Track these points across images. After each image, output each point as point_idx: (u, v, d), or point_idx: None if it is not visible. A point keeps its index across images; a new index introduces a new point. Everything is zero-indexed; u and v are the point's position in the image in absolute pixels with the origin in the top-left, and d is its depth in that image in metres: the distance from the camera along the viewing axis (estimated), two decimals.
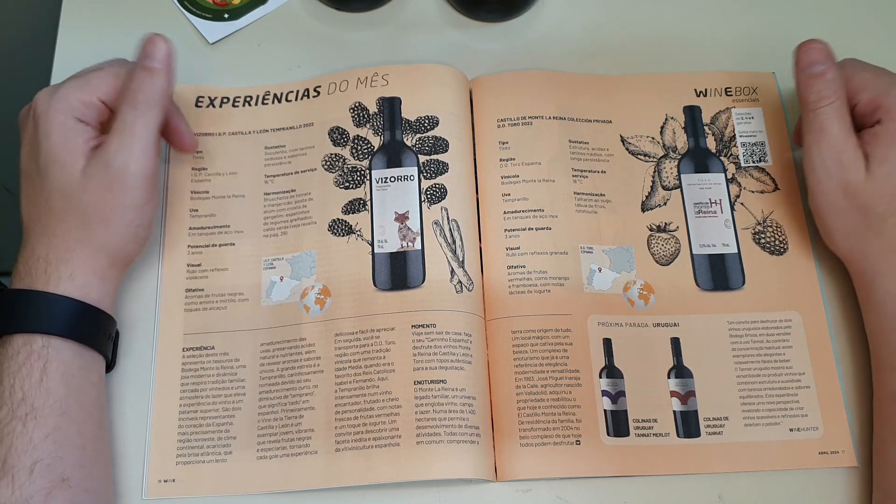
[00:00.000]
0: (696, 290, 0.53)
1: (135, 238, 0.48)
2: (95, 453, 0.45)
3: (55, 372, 0.43)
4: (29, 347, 0.43)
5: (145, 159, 0.46)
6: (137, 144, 0.46)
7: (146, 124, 0.46)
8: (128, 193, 0.46)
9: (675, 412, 0.49)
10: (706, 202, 0.55)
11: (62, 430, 0.43)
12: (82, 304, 0.45)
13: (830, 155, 0.48)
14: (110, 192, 0.45)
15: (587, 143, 0.56)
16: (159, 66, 0.46)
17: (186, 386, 0.50)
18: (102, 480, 0.45)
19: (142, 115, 0.46)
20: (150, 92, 0.46)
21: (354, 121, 0.55)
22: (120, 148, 0.45)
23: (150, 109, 0.46)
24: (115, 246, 0.47)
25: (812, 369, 0.51)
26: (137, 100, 0.46)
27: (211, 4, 0.60)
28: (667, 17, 0.61)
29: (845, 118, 0.48)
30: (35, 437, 0.42)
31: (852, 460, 0.49)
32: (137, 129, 0.46)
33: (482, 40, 0.60)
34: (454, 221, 0.52)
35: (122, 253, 0.47)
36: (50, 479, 0.42)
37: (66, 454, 0.43)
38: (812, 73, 0.49)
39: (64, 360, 0.44)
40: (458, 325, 0.50)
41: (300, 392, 0.49)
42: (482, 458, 0.48)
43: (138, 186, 0.46)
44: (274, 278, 0.52)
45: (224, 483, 0.48)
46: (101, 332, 0.47)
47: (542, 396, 0.49)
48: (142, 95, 0.46)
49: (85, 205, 0.45)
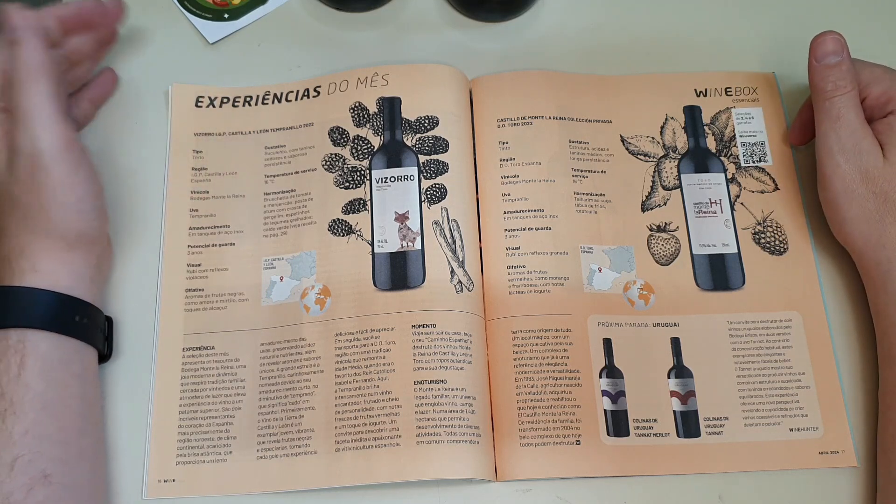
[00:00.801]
0: (696, 290, 0.53)
1: (77, 214, 0.45)
2: (80, 448, 0.44)
3: (32, 366, 0.43)
4: (4, 343, 0.43)
5: (51, 132, 0.43)
6: (35, 121, 0.43)
7: (36, 97, 0.43)
8: (49, 173, 0.43)
9: (675, 412, 0.50)
10: (706, 202, 0.55)
11: (42, 425, 0.42)
12: (53, 294, 0.44)
13: (850, 140, 0.49)
14: (32, 177, 0.43)
15: (587, 143, 0.56)
16: (19, 35, 0.43)
17: (186, 386, 0.50)
18: (88, 476, 0.45)
19: (27, 91, 0.43)
20: (24, 63, 0.43)
21: (354, 121, 0.55)
22: (22, 131, 0.43)
23: (33, 81, 0.43)
24: (61, 228, 0.45)
25: (812, 369, 0.51)
26: (15, 78, 0.43)
27: (211, 4, 0.60)
28: (667, 17, 0.61)
29: (859, 108, 0.50)
30: (15, 432, 0.41)
31: (852, 460, 0.49)
32: (27, 105, 0.43)
33: (482, 40, 0.60)
34: (454, 221, 0.53)
35: (73, 233, 0.45)
36: (30, 475, 0.41)
37: (46, 450, 0.42)
38: (828, 63, 0.50)
39: (41, 353, 0.43)
40: (458, 325, 0.50)
41: (300, 392, 0.49)
42: (482, 458, 0.48)
43: (56, 161, 0.44)
44: (274, 278, 0.52)
45: (224, 483, 0.48)
46: (82, 322, 0.46)
47: (542, 396, 0.49)
48: (16, 71, 0.43)
49: (17, 196, 0.44)
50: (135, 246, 0.53)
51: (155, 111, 0.57)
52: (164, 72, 0.58)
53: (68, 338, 0.45)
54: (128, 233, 0.53)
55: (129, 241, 0.53)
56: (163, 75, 0.57)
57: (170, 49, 0.59)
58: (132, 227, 0.53)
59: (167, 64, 0.58)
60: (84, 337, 0.46)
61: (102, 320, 0.49)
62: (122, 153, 0.55)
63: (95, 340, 0.47)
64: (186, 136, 0.56)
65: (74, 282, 0.46)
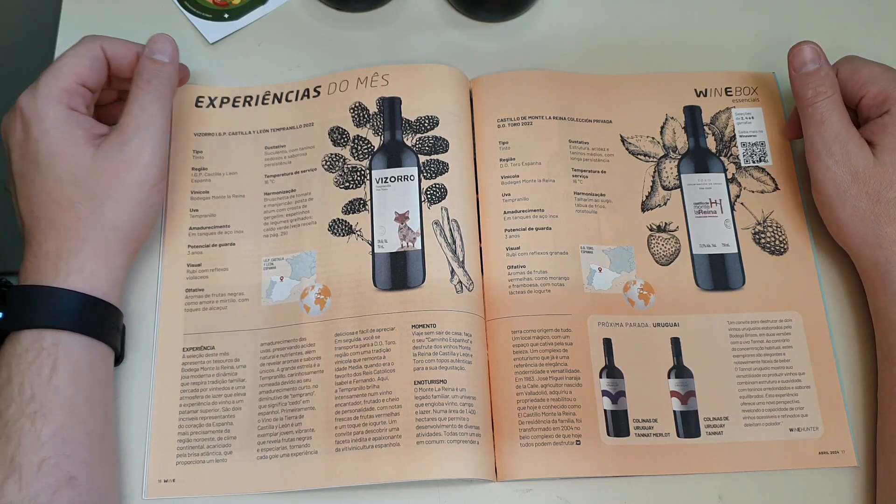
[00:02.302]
0: (696, 290, 0.53)
1: (145, 218, 0.48)
2: (102, 452, 0.45)
3: (64, 370, 0.43)
4: (38, 345, 0.43)
5: (162, 141, 0.48)
6: (154, 124, 0.48)
7: (162, 107, 0.49)
8: (144, 171, 0.47)
9: (675, 412, 0.50)
10: (706, 202, 0.55)
11: (70, 428, 0.43)
12: (91, 298, 0.45)
13: (836, 143, 0.49)
14: (127, 170, 0.46)
15: (587, 143, 0.56)
16: (169, 60, 0.50)
17: (186, 386, 0.50)
18: (108, 479, 0.45)
19: (158, 98, 0.48)
20: (164, 79, 0.49)
21: (354, 121, 0.55)
22: (137, 128, 0.47)
23: (164, 93, 0.49)
24: (126, 226, 0.47)
25: (812, 369, 0.51)
26: (152, 84, 0.48)
27: (211, 4, 0.60)
28: (667, 17, 0.61)
29: (844, 110, 0.50)
30: (43, 434, 0.42)
31: (852, 460, 0.49)
32: (153, 110, 0.48)
33: (482, 40, 0.60)
34: (454, 221, 0.52)
35: (132, 234, 0.47)
36: (57, 477, 0.41)
37: (73, 452, 0.43)
38: (807, 71, 0.51)
39: (73, 357, 0.44)
40: (459, 325, 0.50)
41: (300, 392, 0.49)
42: (482, 458, 0.48)
43: (155, 164, 0.48)
44: (274, 278, 0.52)
45: (224, 483, 0.48)
46: (109, 325, 0.47)
47: (542, 396, 0.49)
48: (156, 81, 0.49)
49: (97, 186, 0.46)
50: None
51: None
52: None
53: (97, 342, 0.46)
54: None
55: None
56: None
57: None
58: None
59: None
60: (110, 340, 0.47)
61: (122, 323, 0.49)
62: None
63: (116, 343, 0.48)
64: (186, 136, 0.56)
65: (111, 287, 0.47)
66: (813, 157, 0.50)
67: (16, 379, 0.43)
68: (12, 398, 0.42)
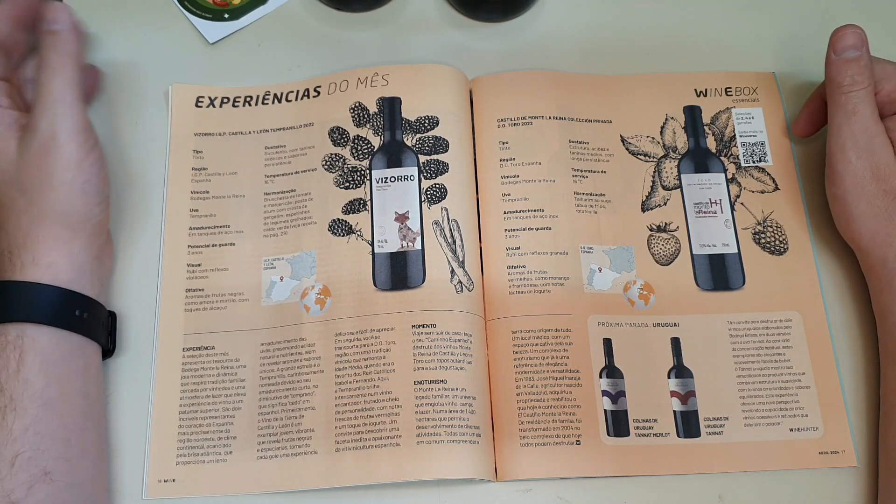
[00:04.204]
0: (696, 290, 0.53)
1: (83, 196, 0.46)
2: (82, 446, 0.44)
3: (32, 362, 0.43)
4: (3, 338, 0.43)
5: (71, 115, 0.46)
6: (59, 103, 0.46)
7: (63, 82, 0.46)
8: (62, 151, 0.45)
9: (676, 412, 0.50)
10: (706, 202, 0.55)
11: (43, 421, 0.42)
12: (53, 288, 0.44)
13: (864, 136, 0.49)
14: (45, 155, 0.45)
15: (587, 143, 0.56)
16: (62, 27, 0.47)
17: (186, 386, 0.50)
18: (90, 474, 0.45)
19: (57, 74, 0.46)
20: (61, 51, 0.46)
21: (354, 121, 0.55)
22: (43, 111, 0.45)
23: (65, 68, 0.46)
24: (65, 209, 0.46)
25: (812, 369, 0.51)
26: (50, 61, 0.46)
27: (211, 4, 0.60)
28: (667, 17, 0.61)
29: (875, 104, 0.49)
30: (15, 429, 0.41)
31: (852, 460, 0.49)
32: (55, 87, 0.46)
33: (482, 40, 0.60)
34: (454, 221, 0.53)
35: (76, 216, 0.46)
36: (31, 472, 0.41)
37: (47, 447, 0.42)
38: (847, 57, 0.49)
39: (41, 348, 0.43)
40: (459, 325, 0.50)
41: (300, 392, 0.49)
42: (482, 458, 0.48)
43: (71, 140, 0.46)
44: (274, 278, 0.52)
45: (224, 483, 0.48)
46: (82, 316, 0.46)
47: (542, 396, 0.49)
48: (53, 55, 0.46)
49: (25, 178, 0.45)
50: (135, 245, 0.53)
51: (155, 111, 0.57)
52: (164, 72, 0.58)
53: (69, 333, 0.45)
54: (128, 232, 0.53)
55: (129, 240, 0.53)
56: (163, 75, 0.58)
57: (170, 49, 0.59)
58: (132, 226, 0.54)
59: (167, 64, 0.58)
60: (85, 331, 0.46)
61: (105, 315, 0.48)
62: (122, 153, 0.55)
63: (98, 335, 0.47)
64: (186, 136, 0.56)
65: (75, 275, 0.46)
66: (837, 148, 0.50)
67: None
68: None
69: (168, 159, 0.55)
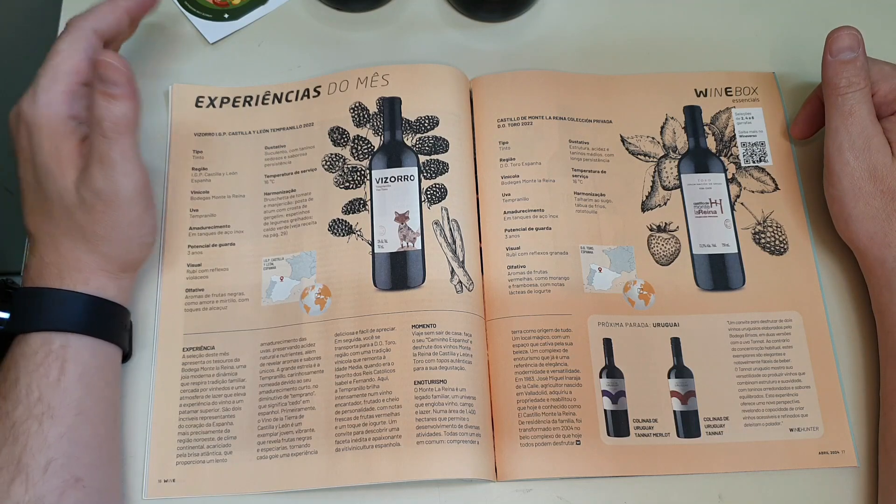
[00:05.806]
0: (696, 290, 0.53)
1: (139, 247, 0.48)
2: (109, 453, 0.45)
3: (73, 372, 0.43)
4: (47, 347, 0.43)
5: (131, 180, 0.45)
6: (118, 171, 0.44)
7: (121, 151, 0.44)
8: (122, 212, 0.45)
9: (676, 412, 0.50)
10: (706, 202, 0.55)
11: (77, 429, 0.43)
12: (99, 300, 0.45)
13: (861, 137, 0.49)
14: (105, 213, 0.45)
15: (587, 143, 0.56)
16: (119, 92, 0.43)
17: (186, 386, 0.50)
18: (114, 481, 0.46)
19: (115, 145, 0.44)
20: (116, 120, 0.43)
21: (354, 121, 0.55)
22: (104, 177, 0.44)
23: (121, 136, 0.44)
24: (121, 257, 0.47)
25: (812, 369, 0.51)
26: (105, 130, 0.43)
27: (211, 4, 0.60)
28: (667, 17, 0.61)
29: (872, 105, 0.49)
30: (50, 436, 0.42)
31: (853, 460, 0.49)
32: (114, 157, 0.44)
33: (482, 40, 0.60)
34: (454, 221, 0.53)
35: (130, 261, 0.48)
36: (63, 478, 0.42)
37: (80, 454, 0.43)
38: (843, 58, 0.49)
39: (82, 359, 0.44)
40: (459, 325, 0.50)
41: (300, 392, 0.49)
42: (482, 458, 0.48)
43: (132, 203, 0.45)
44: (274, 278, 0.52)
45: (224, 483, 0.48)
46: (117, 325, 0.47)
47: (542, 396, 0.49)
48: (108, 124, 0.43)
49: (83, 224, 0.45)
50: None
51: (155, 111, 0.57)
52: (164, 72, 0.58)
53: (105, 343, 0.46)
54: None
55: None
56: (163, 75, 0.58)
57: (170, 49, 0.59)
58: None
59: (167, 64, 0.58)
60: (118, 341, 0.47)
61: (129, 321, 0.49)
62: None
63: (124, 342, 0.48)
64: (186, 136, 0.56)
65: (118, 292, 0.47)
66: (834, 149, 0.50)
67: (23, 380, 0.43)
68: (20, 399, 0.42)
69: (168, 159, 0.55)
